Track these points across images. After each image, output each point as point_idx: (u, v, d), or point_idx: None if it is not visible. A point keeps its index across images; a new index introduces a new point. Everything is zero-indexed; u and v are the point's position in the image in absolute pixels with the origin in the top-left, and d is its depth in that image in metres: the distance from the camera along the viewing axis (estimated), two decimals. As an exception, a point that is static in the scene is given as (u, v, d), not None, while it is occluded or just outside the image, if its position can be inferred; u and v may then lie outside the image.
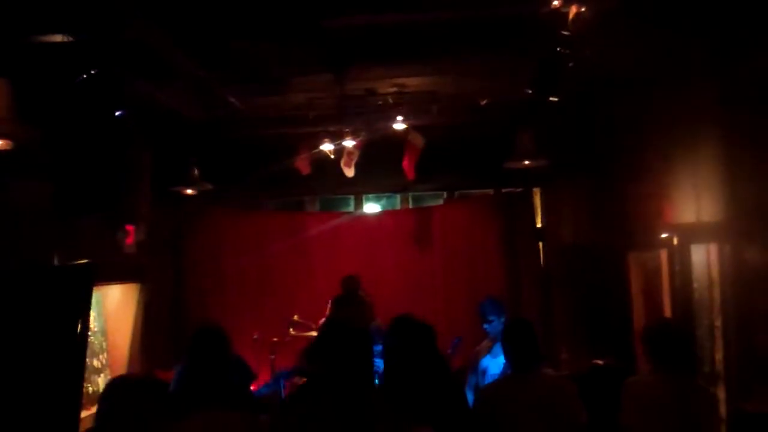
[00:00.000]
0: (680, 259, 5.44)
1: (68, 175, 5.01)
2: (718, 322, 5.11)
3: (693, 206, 5.47)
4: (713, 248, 5.16)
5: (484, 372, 5.69)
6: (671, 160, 5.80)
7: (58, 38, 4.50)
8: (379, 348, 4.30)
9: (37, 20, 4.33)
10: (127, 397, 3.20)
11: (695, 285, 5.35)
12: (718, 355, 5.13)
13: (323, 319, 7.48)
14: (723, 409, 4.86)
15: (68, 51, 4.58)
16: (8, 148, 4.26)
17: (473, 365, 5.88)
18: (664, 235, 5.69)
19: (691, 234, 5.41)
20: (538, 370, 4.16)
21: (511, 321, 4.83)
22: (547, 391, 4.05)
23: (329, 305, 7.36)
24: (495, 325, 5.76)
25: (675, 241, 5.51)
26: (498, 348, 5.70)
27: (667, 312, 5.77)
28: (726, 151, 4.99)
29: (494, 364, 5.65)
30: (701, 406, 4.11)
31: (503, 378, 4.44)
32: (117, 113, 5.28)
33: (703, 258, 5.30)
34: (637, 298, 6.53)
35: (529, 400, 3.96)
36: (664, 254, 5.81)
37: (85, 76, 4.74)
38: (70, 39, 4.48)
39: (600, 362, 6.49)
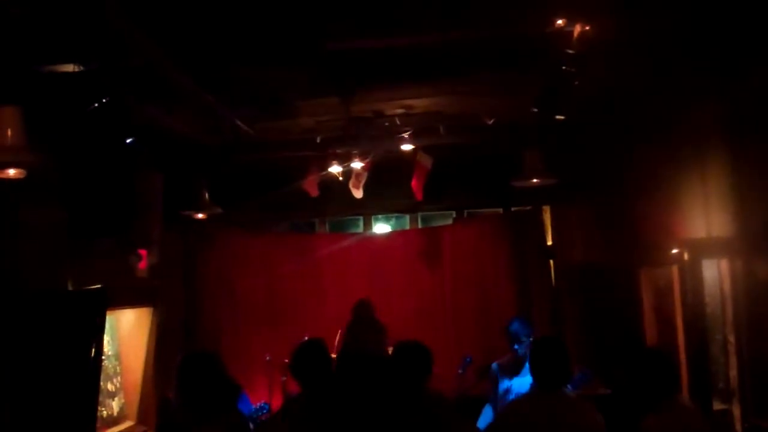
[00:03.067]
0: (692, 275, 5.42)
1: (81, 200, 5.06)
2: (731, 338, 5.09)
3: (703, 222, 5.46)
4: (725, 264, 5.14)
5: (508, 391, 5.66)
6: (681, 176, 5.81)
7: (69, 67, 4.55)
8: None
9: (49, 50, 4.39)
10: None
11: (707, 301, 5.34)
12: (732, 372, 5.10)
13: (337, 340, 7.50)
14: (738, 426, 4.84)
15: (79, 79, 4.64)
16: (22, 175, 4.30)
17: (493, 381, 5.85)
18: (675, 252, 5.68)
19: (702, 250, 5.40)
20: (562, 390, 4.10)
21: (542, 338, 4.77)
22: (570, 411, 4.00)
23: (341, 334, 7.32)
24: (527, 344, 5.75)
25: (686, 257, 5.50)
26: (525, 368, 5.70)
27: (680, 329, 5.76)
28: (735, 167, 4.99)
29: (520, 383, 5.61)
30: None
31: (527, 396, 4.38)
32: (127, 139, 5.34)
33: (715, 274, 5.28)
34: (649, 314, 6.51)
35: (552, 420, 3.91)
36: (675, 270, 5.79)
37: (96, 103, 4.80)
38: (81, 68, 4.54)
39: (605, 391, 6.45)
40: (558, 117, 5.01)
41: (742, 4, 4.32)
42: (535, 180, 7.01)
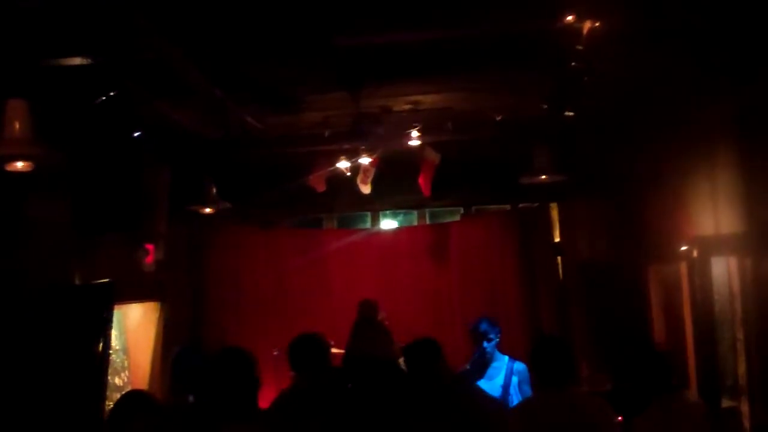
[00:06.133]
0: (700, 273, 5.40)
1: (88, 195, 5.07)
2: (740, 336, 5.07)
3: (712, 219, 5.44)
4: (733, 261, 5.12)
5: None
6: (689, 172, 5.78)
7: (77, 60, 4.55)
8: None
9: (57, 43, 4.38)
10: (135, 413, 3.23)
11: (716, 298, 5.32)
12: (741, 369, 5.08)
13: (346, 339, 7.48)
14: (747, 423, 4.82)
15: (87, 73, 4.63)
16: (30, 169, 4.31)
17: None
18: (683, 249, 5.66)
19: (711, 247, 5.38)
20: (570, 388, 4.08)
21: (544, 337, 4.76)
22: (583, 408, 3.98)
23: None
24: (495, 343, 5.79)
25: (695, 254, 5.48)
26: (492, 370, 5.71)
27: (688, 326, 5.74)
28: (745, 164, 4.97)
29: (490, 386, 5.62)
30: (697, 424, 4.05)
31: (537, 394, 4.33)
32: (135, 134, 5.34)
33: (724, 271, 5.26)
34: (657, 312, 6.50)
35: (565, 417, 3.89)
36: (683, 268, 5.77)
37: (103, 97, 4.80)
38: (89, 61, 4.54)
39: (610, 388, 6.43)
40: (567, 114, 4.99)
41: (755, 3, 4.28)
42: (543, 177, 6.98)
